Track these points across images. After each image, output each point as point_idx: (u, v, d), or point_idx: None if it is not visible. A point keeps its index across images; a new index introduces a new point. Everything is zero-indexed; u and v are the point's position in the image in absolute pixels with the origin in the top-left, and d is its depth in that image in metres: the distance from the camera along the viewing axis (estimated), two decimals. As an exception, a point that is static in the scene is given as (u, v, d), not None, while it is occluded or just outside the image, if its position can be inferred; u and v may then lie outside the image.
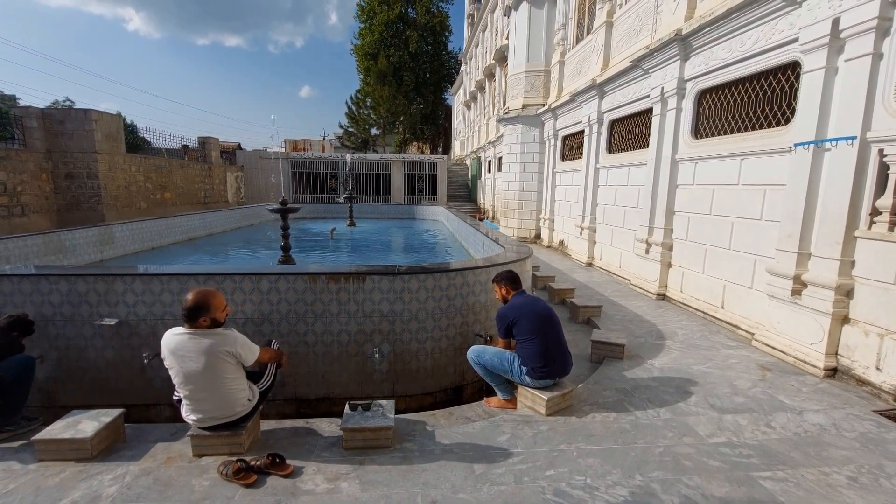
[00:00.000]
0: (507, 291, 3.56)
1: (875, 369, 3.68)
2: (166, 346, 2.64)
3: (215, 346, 2.61)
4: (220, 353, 2.62)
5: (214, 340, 2.63)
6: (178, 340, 2.62)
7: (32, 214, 11.04)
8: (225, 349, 2.63)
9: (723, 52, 5.56)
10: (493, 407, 3.49)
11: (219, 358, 2.62)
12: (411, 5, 34.79)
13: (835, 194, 4.00)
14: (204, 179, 17.88)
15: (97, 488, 2.46)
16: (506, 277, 3.62)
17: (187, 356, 2.59)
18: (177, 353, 2.61)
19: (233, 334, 2.71)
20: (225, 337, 2.67)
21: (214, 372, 2.63)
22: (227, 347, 2.64)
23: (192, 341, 2.61)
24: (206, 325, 2.65)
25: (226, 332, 2.69)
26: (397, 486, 2.49)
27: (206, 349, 2.60)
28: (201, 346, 2.60)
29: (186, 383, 2.64)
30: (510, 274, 3.65)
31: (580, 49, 11.04)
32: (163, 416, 3.80)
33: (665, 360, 4.42)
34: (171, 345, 2.62)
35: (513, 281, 3.59)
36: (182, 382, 2.65)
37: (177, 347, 2.61)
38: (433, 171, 23.10)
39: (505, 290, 3.57)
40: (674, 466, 2.68)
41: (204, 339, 2.61)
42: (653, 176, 7.03)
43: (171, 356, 2.63)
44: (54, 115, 12.03)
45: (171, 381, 2.71)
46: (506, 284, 3.59)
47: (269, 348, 3.05)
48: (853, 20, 3.80)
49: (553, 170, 12.59)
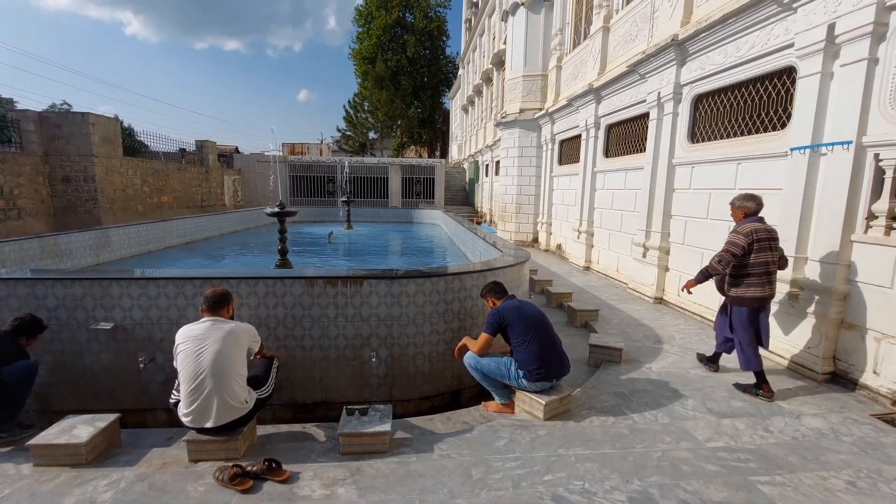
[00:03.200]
0: (493, 303, 3.56)
1: (872, 373, 3.69)
2: (187, 334, 2.78)
3: (236, 330, 2.83)
4: (240, 338, 2.83)
5: (235, 326, 2.86)
6: (201, 328, 2.79)
7: (29, 218, 10.98)
8: (245, 334, 2.88)
9: (719, 57, 5.59)
10: (491, 411, 3.48)
11: (237, 343, 2.81)
12: (409, 10, 34.94)
13: (831, 198, 4.02)
14: (201, 183, 17.85)
15: (92, 494, 2.44)
16: (491, 290, 3.62)
17: (208, 340, 2.73)
18: (198, 338, 2.74)
19: (250, 326, 3.00)
20: (245, 326, 2.94)
21: (228, 358, 2.74)
22: (245, 334, 2.89)
23: (214, 328, 2.79)
24: (228, 316, 2.93)
25: (244, 324, 2.96)
26: (394, 492, 2.48)
27: (227, 332, 2.78)
28: (224, 330, 2.79)
29: (195, 373, 2.69)
30: (494, 285, 3.64)
31: (577, 54, 11.09)
32: (159, 420, 3.77)
33: (663, 363, 4.42)
34: (194, 332, 2.78)
35: (497, 291, 3.59)
36: (189, 373, 2.70)
37: (198, 333, 2.76)
38: (431, 174, 23.11)
39: (492, 303, 3.57)
40: (672, 471, 2.68)
41: (226, 325, 2.83)
42: (650, 180, 7.06)
43: (190, 342, 2.74)
44: (51, 118, 12.00)
45: (169, 383, 2.75)
46: (491, 297, 3.59)
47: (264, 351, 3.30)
48: (848, 25, 3.83)
49: (550, 174, 12.63)
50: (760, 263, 3.63)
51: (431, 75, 36.73)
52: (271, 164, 21.75)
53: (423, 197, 23.17)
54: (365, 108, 37.82)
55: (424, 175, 23.11)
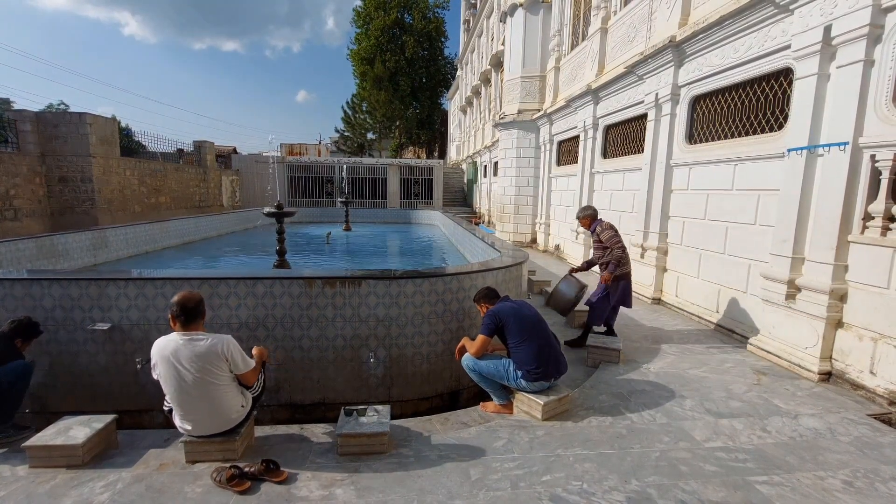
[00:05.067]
0: (486, 309, 3.54)
1: (869, 373, 3.70)
2: (159, 353, 2.59)
3: (210, 350, 2.58)
4: (214, 358, 2.59)
5: (208, 341, 2.60)
6: (172, 347, 2.57)
7: (25, 218, 10.95)
8: (219, 348, 2.60)
9: (716, 58, 5.61)
10: (490, 412, 3.48)
11: (212, 363, 2.59)
12: (408, 11, 34.95)
13: (828, 199, 4.03)
14: (199, 183, 17.82)
15: (88, 495, 2.43)
16: (483, 296, 3.61)
17: (181, 363, 2.54)
18: (171, 360, 2.55)
19: (226, 338, 2.69)
20: (218, 338, 2.65)
21: (207, 380, 2.59)
22: (220, 346, 2.61)
23: (187, 347, 2.56)
24: (201, 328, 2.66)
25: (219, 335, 2.68)
26: (393, 493, 2.47)
27: (201, 354, 2.56)
28: (196, 351, 2.56)
29: (179, 393, 2.60)
30: (486, 291, 3.63)
31: (575, 55, 11.11)
32: (156, 421, 3.76)
33: (661, 364, 4.43)
34: (166, 351, 2.57)
35: (489, 297, 3.58)
36: (174, 392, 2.60)
37: (172, 354, 2.55)
38: (429, 175, 23.12)
39: (485, 309, 3.56)
40: (670, 471, 2.68)
41: (199, 343, 2.58)
42: (647, 181, 7.07)
43: (163, 364, 2.57)
44: (49, 118, 11.96)
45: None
46: (484, 302, 3.58)
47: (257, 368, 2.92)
48: (845, 27, 3.84)
49: (549, 174, 12.64)
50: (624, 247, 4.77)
51: (430, 76, 36.74)
52: (270, 164, 21.72)
53: (421, 198, 23.16)
54: (363, 108, 37.85)
55: (423, 176, 23.11)
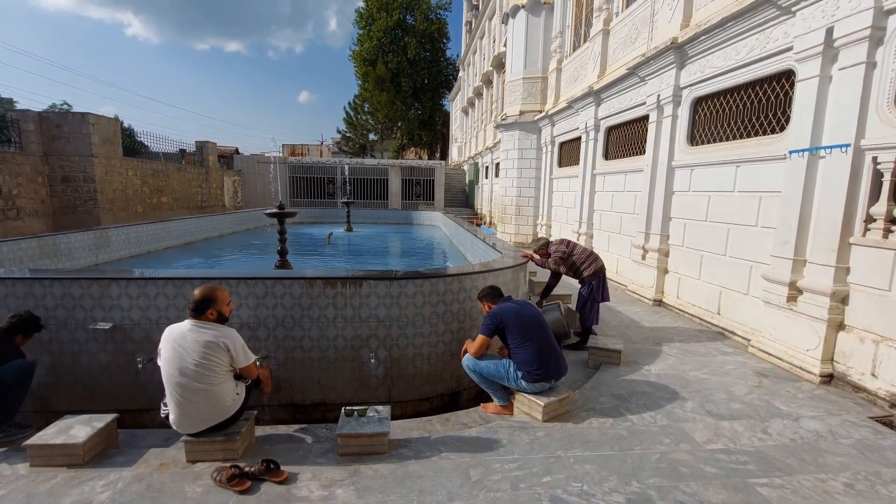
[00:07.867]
0: (489, 307, 3.55)
1: (871, 376, 3.69)
2: (167, 336, 2.72)
3: (214, 338, 2.69)
4: (217, 346, 2.68)
5: (215, 332, 2.72)
6: (180, 331, 2.71)
7: (28, 218, 10.98)
8: (222, 341, 2.70)
9: (718, 60, 5.61)
10: (490, 413, 3.48)
11: (214, 351, 2.67)
12: (410, 12, 35.00)
13: (829, 201, 4.02)
14: (201, 184, 17.85)
15: (89, 494, 2.43)
16: (486, 294, 3.61)
17: (185, 347, 2.65)
18: (176, 342, 2.67)
19: (232, 331, 2.81)
20: (224, 331, 2.77)
21: (206, 367, 2.66)
22: (224, 340, 2.71)
23: (193, 332, 2.68)
24: (212, 319, 2.76)
25: (225, 328, 2.81)
26: (393, 493, 2.47)
27: (204, 341, 2.66)
28: (201, 338, 2.67)
29: (180, 375, 2.64)
30: (490, 290, 3.63)
31: (577, 56, 11.12)
32: (157, 421, 3.73)
33: (661, 365, 4.42)
34: (173, 334, 2.70)
35: (493, 296, 3.59)
36: (174, 375, 2.65)
37: (177, 337, 2.68)
38: (431, 176, 23.12)
39: (488, 307, 3.57)
40: (670, 473, 2.67)
41: (205, 331, 2.70)
42: (649, 182, 7.07)
43: (168, 344, 2.68)
44: (51, 118, 12.00)
45: (163, 385, 2.69)
46: (487, 301, 3.59)
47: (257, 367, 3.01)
48: (847, 29, 3.84)
49: (550, 176, 12.64)
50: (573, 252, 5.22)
51: (432, 77, 36.78)
52: (271, 165, 21.76)
53: (422, 198, 23.16)
54: (365, 109, 37.87)
55: (424, 177, 23.12)
